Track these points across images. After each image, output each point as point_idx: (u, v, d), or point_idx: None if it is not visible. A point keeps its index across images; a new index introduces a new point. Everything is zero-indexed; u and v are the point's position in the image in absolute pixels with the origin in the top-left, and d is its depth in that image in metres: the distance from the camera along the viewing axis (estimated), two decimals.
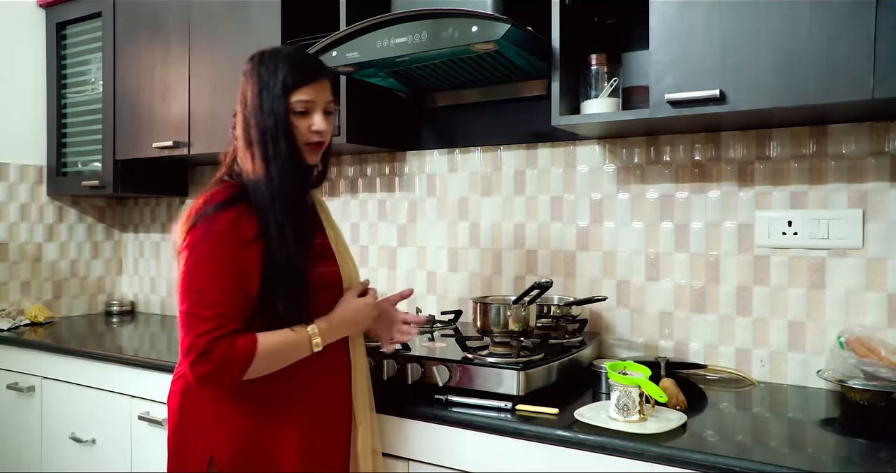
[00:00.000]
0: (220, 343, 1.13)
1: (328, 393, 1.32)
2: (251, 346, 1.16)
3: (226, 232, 1.17)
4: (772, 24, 1.32)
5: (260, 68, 1.24)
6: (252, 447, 1.23)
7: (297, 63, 1.25)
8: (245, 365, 1.15)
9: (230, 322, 1.15)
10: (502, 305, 1.50)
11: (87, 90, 2.61)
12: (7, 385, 2.27)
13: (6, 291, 2.58)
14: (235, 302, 1.17)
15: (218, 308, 1.15)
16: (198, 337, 1.13)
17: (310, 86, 1.25)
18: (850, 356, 1.42)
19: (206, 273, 1.16)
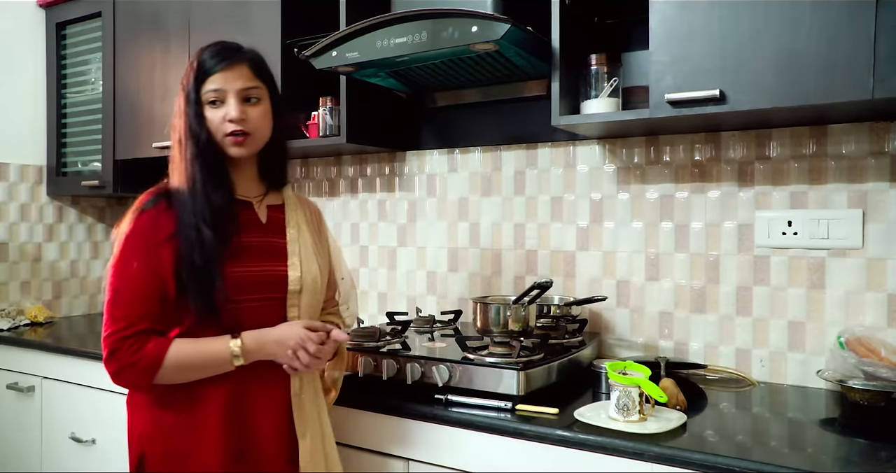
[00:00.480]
0: (127, 343, 1.15)
1: (258, 400, 1.25)
2: (159, 352, 1.15)
3: (142, 232, 1.19)
4: (772, 24, 1.32)
5: (186, 66, 1.26)
6: (179, 446, 1.21)
7: (205, 55, 1.24)
8: (150, 369, 1.15)
9: (139, 322, 1.16)
10: (502, 305, 1.50)
11: (87, 90, 2.61)
12: (7, 385, 2.27)
13: (6, 291, 2.58)
14: (148, 303, 1.17)
15: (128, 308, 1.16)
16: (107, 337, 1.16)
17: (219, 73, 1.22)
18: (850, 356, 1.42)
19: (120, 273, 1.18)
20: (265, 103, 1.27)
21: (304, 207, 1.40)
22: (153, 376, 1.16)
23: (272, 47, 2.01)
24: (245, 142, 1.25)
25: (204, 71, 1.22)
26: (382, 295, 2.25)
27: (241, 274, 1.23)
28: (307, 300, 1.30)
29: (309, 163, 2.42)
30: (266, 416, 1.26)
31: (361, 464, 1.48)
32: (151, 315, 1.17)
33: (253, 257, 1.25)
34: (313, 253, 1.34)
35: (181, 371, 1.18)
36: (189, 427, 1.21)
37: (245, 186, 1.31)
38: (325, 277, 1.37)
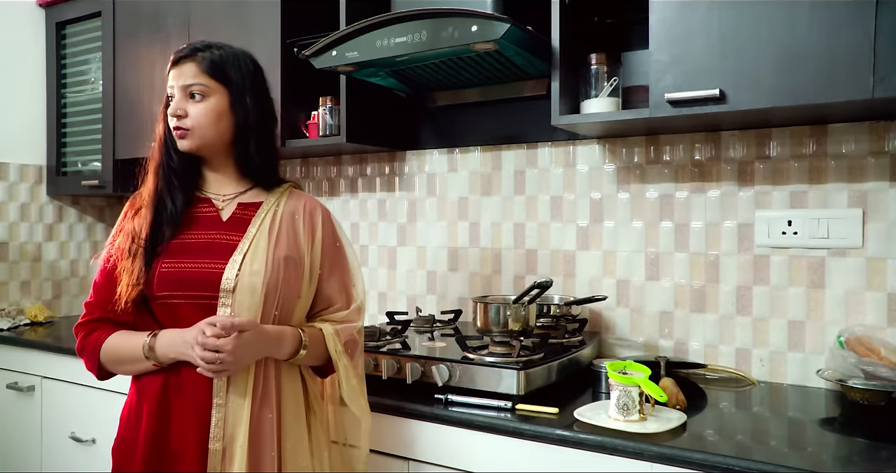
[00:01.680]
0: (80, 330, 1.26)
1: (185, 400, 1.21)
2: (97, 341, 1.24)
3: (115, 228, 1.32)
4: (772, 24, 1.32)
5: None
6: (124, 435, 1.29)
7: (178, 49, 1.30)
8: (92, 356, 1.24)
9: (95, 311, 1.27)
10: (502, 305, 1.50)
11: (86, 90, 2.61)
12: (7, 384, 2.27)
13: (6, 291, 2.58)
14: (103, 293, 1.26)
15: (90, 298, 1.28)
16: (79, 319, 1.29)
17: (172, 71, 1.28)
18: (849, 355, 1.42)
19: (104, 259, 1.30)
20: (213, 100, 1.26)
21: (296, 205, 1.32)
22: (95, 362, 1.25)
23: (272, 47, 2.01)
24: (186, 136, 1.26)
25: (166, 70, 1.30)
26: (382, 295, 2.25)
27: (170, 270, 1.22)
28: (244, 301, 1.20)
29: (309, 162, 2.42)
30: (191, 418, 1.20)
31: None
32: (107, 305, 1.25)
33: (191, 254, 1.23)
34: (267, 251, 1.24)
35: (116, 362, 1.25)
36: (133, 420, 1.26)
37: (217, 184, 1.34)
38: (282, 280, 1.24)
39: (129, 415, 1.27)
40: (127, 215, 1.31)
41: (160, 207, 1.26)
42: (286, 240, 1.28)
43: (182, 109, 1.25)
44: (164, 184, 1.28)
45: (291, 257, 1.27)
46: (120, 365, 1.25)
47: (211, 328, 1.14)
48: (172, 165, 1.30)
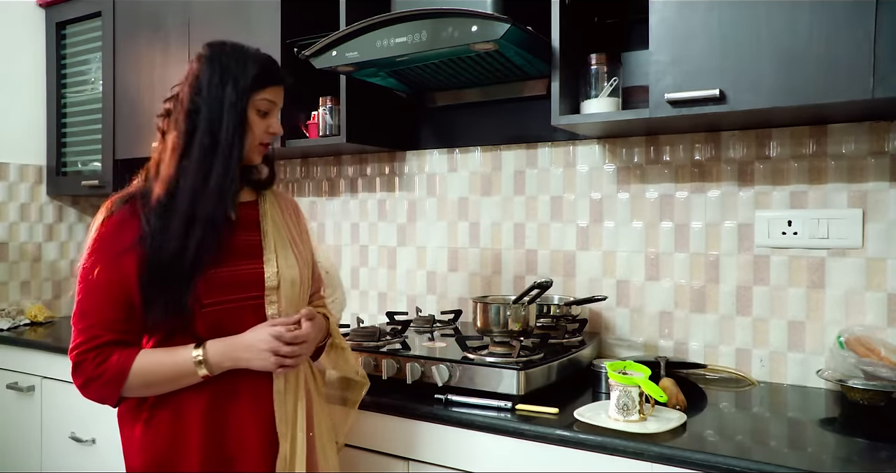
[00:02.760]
0: (90, 356, 1.12)
1: (241, 405, 1.20)
2: (123, 364, 1.12)
3: (103, 240, 1.14)
4: (772, 24, 1.32)
5: (224, 58, 1.19)
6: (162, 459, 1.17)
7: (265, 62, 1.23)
8: (115, 382, 1.12)
9: (103, 333, 1.12)
10: (502, 305, 1.50)
11: (86, 90, 2.61)
12: (7, 384, 2.27)
13: (6, 291, 2.58)
14: (109, 313, 1.13)
15: (88, 319, 1.13)
16: (72, 350, 1.14)
17: (275, 87, 1.24)
18: (849, 355, 1.42)
19: (83, 284, 1.14)
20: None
21: (279, 202, 1.36)
22: (118, 389, 1.13)
23: (272, 47, 2.01)
24: (265, 152, 1.29)
25: (265, 78, 1.21)
26: (382, 295, 2.25)
27: (219, 275, 1.18)
28: (287, 295, 1.25)
29: (309, 162, 2.42)
30: (249, 421, 1.20)
31: (361, 464, 1.48)
32: (116, 325, 1.13)
33: (228, 257, 1.20)
34: (290, 247, 1.30)
35: (148, 384, 1.14)
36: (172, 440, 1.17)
37: None
38: (308, 270, 1.33)
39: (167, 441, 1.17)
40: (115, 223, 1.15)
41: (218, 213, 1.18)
42: (293, 234, 1.34)
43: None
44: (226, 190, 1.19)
45: (302, 250, 1.33)
46: (153, 387, 1.15)
47: (283, 327, 1.17)
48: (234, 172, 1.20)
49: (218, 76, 1.18)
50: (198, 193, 1.14)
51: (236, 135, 1.17)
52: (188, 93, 1.18)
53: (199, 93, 1.17)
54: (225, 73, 1.18)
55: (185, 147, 1.16)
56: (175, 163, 1.16)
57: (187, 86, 1.19)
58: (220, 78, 1.17)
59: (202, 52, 1.22)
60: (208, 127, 1.16)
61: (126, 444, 1.23)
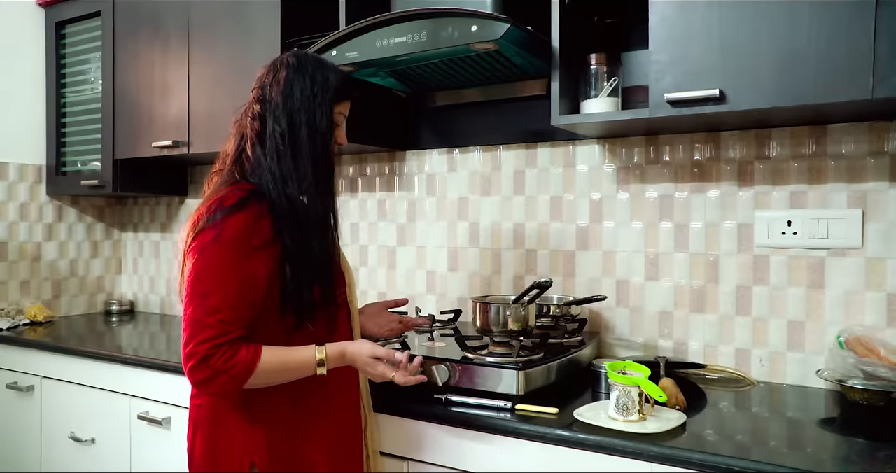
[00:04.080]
0: (222, 350, 1.12)
1: (346, 393, 1.33)
2: (252, 358, 1.14)
3: (236, 236, 1.15)
4: (771, 24, 1.32)
5: (311, 68, 1.25)
6: (289, 449, 1.23)
7: (344, 76, 1.29)
8: (243, 376, 1.14)
9: (234, 328, 1.14)
10: (502, 305, 1.50)
11: (86, 89, 2.61)
12: (6, 384, 2.27)
13: (5, 290, 2.58)
14: (240, 309, 1.15)
15: (221, 314, 1.13)
16: (200, 344, 1.12)
17: (348, 101, 1.31)
18: (849, 355, 1.42)
19: (212, 278, 1.14)
20: None
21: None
22: (244, 383, 1.15)
23: (272, 47, 2.01)
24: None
25: (344, 92, 1.28)
26: (382, 295, 2.25)
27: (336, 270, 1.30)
28: (353, 290, 1.39)
29: None
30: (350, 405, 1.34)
31: None
32: (244, 321, 1.16)
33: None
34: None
35: (269, 380, 1.18)
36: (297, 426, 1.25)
37: None
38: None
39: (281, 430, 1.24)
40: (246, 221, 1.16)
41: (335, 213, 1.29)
42: None
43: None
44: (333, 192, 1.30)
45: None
46: (275, 380, 1.19)
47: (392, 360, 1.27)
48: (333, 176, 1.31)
49: (310, 87, 1.23)
50: (317, 195, 1.22)
51: (330, 142, 1.26)
52: (283, 101, 1.23)
53: (294, 101, 1.23)
54: (314, 84, 1.24)
55: (293, 153, 1.21)
56: (287, 168, 1.21)
57: (279, 92, 1.23)
58: (311, 88, 1.24)
59: (289, 60, 1.26)
60: (310, 135, 1.22)
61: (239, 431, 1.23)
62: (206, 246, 1.14)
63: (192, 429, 1.27)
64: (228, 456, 1.22)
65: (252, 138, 1.23)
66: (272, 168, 1.20)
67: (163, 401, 1.89)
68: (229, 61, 2.15)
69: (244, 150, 1.24)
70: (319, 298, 1.22)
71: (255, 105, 1.25)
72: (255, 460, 1.21)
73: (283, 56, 1.28)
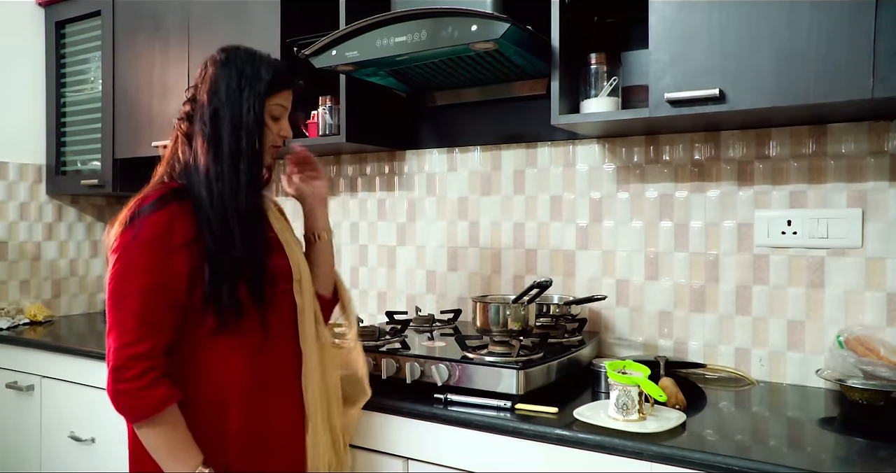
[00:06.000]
0: (137, 371, 1.11)
1: (274, 388, 1.26)
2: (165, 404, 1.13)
3: (155, 236, 1.13)
4: (771, 24, 1.32)
5: (239, 62, 1.22)
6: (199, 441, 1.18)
7: (277, 67, 1.26)
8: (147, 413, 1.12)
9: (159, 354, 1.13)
10: (502, 304, 1.50)
11: (86, 89, 2.61)
12: (6, 384, 2.27)
13: (5, 290, 2.58)
14: (160, 311, 1.13)
15: (145, 345, 1.12)
16: (118, 350, 1.12)
17: (287, 91, 1.27)
18: (849, 355, 1.42)
19: (131, 280, 1.13)
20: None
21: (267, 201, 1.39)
22: (142, 419, 1.14)
23: (272, 46, 2.01)
24: (276, 154, 1.32)
25: (279, 84, 1.24)
26: (382, 295, 2.25)
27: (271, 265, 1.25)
28: (307, 287, 1.33)
29: None
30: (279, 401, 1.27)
31: (361, 463, 1.48)
32: (166, 342, 1.15)
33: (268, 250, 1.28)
34: (293, 242, 1.37)
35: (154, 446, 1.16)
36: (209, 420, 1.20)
37: None
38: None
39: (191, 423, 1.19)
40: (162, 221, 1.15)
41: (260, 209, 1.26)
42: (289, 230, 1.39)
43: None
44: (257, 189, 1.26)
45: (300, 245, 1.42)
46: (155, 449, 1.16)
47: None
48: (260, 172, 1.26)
49: (235, 81, 1.21)
50: (239, 192, 1.18)
51: (258, 139, 1.21)
52: (205, 99, 1.21)
53: (219, 97, 1.20)
54: (242, 78, 1.21)
55: (215, 151, 1.19)
56: (209, 165, 1.19)
57: (206, 90, 1.22)
58: (237, 83, 1.21)
59: (217, 56, 1.25)
60: (233, 131, 1.20)
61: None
62: (125, 246, 1.14)
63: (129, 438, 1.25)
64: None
65: (181, 138, 1.24)
66: (197, 166, 1.19)
67: None
68: None
69: (174, 150, 1.25)
70: (246, 298, 1.18)
71: (185, 105, 1.25)
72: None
73: (213, 53, 1.26)
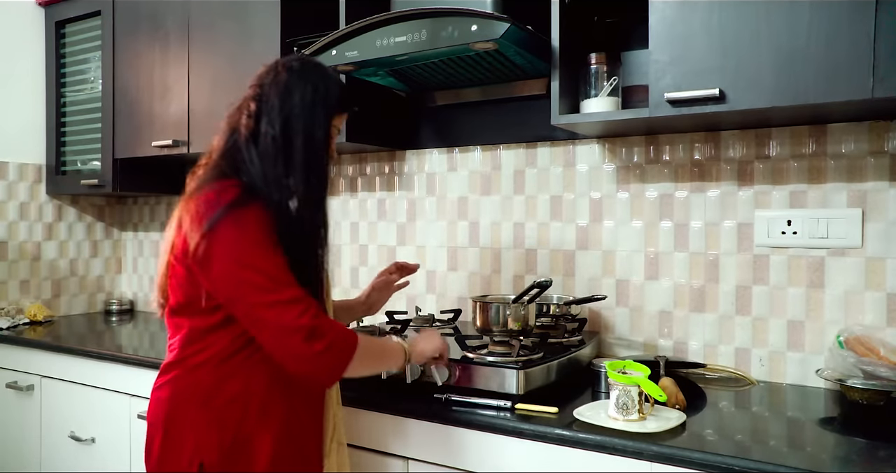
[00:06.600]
0: (324, 318, 1.11)
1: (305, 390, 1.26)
2: (352, 332, 1.16)
3: (261, 227, 1.12)
4: (771, 24, 1.32)
5: (314, 76, 1.22)
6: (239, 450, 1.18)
7: (343, 89, 1.27)
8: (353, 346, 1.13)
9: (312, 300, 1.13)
10: (502, 304, 1.50)
11: (86, 89, 2.61)
12: (6, 384, 2.27)
13: (5, 290, 2.58)
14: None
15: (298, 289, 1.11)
16: (299, 317, 1.08)
17: (345, 114, 1.30)
18: (849, 355, 1.42)
19: (267, 260, 1.10)
20: None
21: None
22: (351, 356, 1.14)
23: (272, 47, 2.01)
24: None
25: (343, 105, 1.26)
26: None
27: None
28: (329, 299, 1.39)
29: None
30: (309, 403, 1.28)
31: (361, 463, 1.48)
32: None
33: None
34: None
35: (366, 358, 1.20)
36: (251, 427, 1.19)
37: None
38: None
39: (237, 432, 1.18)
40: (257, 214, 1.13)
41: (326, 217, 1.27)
42: None
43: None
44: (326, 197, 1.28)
45: None
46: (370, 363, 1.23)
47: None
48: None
49: (310, 94, 1.20)
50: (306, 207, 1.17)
51: (325, 153, 1.22)
52: (279, 103, 1.19)
53: (292, 106, 1.19)
54: (315, 92, 1.21)
55: (285, 159, 1.17)
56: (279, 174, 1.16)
57: (276, 94, 1.20)
58: (311, 96, 1.20)
59: (292, 63, 1.24)
60: (305, 144, 1.18)
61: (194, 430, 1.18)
62: (238, 237, 1.10)
63: (149, 426, 1.24)
64: (177, 455, 1.18)
65: (245, 135, 1.20)
66: (263, 170, 1.16)
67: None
68: (229, 61, 2.15)
69: (235, 146, 1.20)
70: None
71: (252, 103, 1.21)
72: (204, 461, 1.17)
73: (287, 58, 1.25)
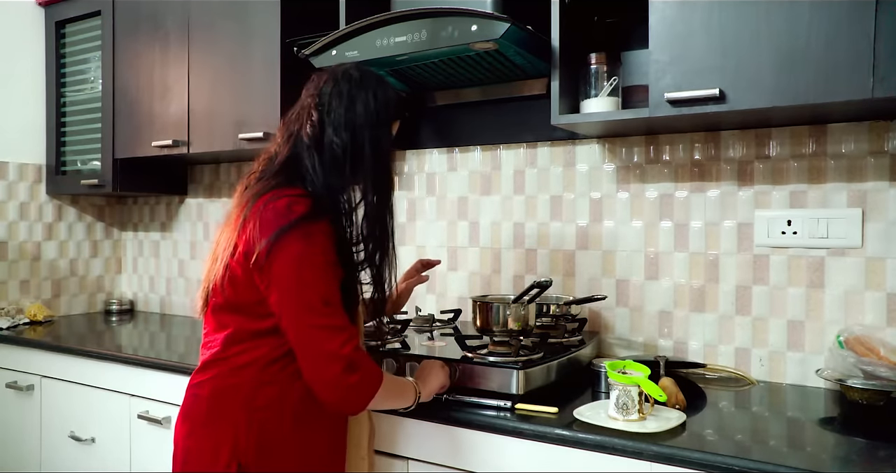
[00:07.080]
0: (362, 351, 1.14)
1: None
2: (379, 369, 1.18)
3: (327, 245, 1.14)
4: (771, 24, 1.32)
5: (373, 85, 1.24)
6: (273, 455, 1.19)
7: (399, 98, 1.28)
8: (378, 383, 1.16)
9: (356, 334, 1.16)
10: (502, 304, 1.50)
11: (86, 89, 2.61)
12: (6, 383, 2.27)
13: (5, 290, 2.58)
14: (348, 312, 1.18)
15: (345, 316, 1.14)
16: (343, 346, 1.10)
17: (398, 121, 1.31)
18: (849, 355, 1.42)
19: (327, 282, 1.13)
20: None
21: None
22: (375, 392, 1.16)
23: (272, 47, 2.01)
24: None
25: (399, 112, 1.29)
26: None
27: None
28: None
29: None
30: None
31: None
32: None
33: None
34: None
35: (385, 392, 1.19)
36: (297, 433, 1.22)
37: None
38: None
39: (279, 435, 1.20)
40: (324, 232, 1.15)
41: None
42: None
43: None
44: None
45: None
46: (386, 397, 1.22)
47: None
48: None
49: (373, 104, 1.22)
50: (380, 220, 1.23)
51: (391, 161, 1.26)
52: (344, 113, 1.21)
53: (356, 115, 1.21)
54: (377, 101, 1.23)
55: (352, 167, 1.20)
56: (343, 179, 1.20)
57: (341, 104, 1.21)
58: (374, 105, 1.22)
59: (350, 72, 1.25)
60: (374, 152, 1.21)
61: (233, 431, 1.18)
62: (305, 252, 1.11)
63: (182, 419, 1.24)
64: (215, 454, 1.18)
65: (308, 144, 1.20)
66: (329, 178, 1.18)
67: (163, 401, 1.89)
68: (229, 61, 2.15)
69: (297, 155, 1.21)
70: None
71: (314, 111, 1.22)
72: (241, 462, 1.17)
73: (344, 67, 1.26)
